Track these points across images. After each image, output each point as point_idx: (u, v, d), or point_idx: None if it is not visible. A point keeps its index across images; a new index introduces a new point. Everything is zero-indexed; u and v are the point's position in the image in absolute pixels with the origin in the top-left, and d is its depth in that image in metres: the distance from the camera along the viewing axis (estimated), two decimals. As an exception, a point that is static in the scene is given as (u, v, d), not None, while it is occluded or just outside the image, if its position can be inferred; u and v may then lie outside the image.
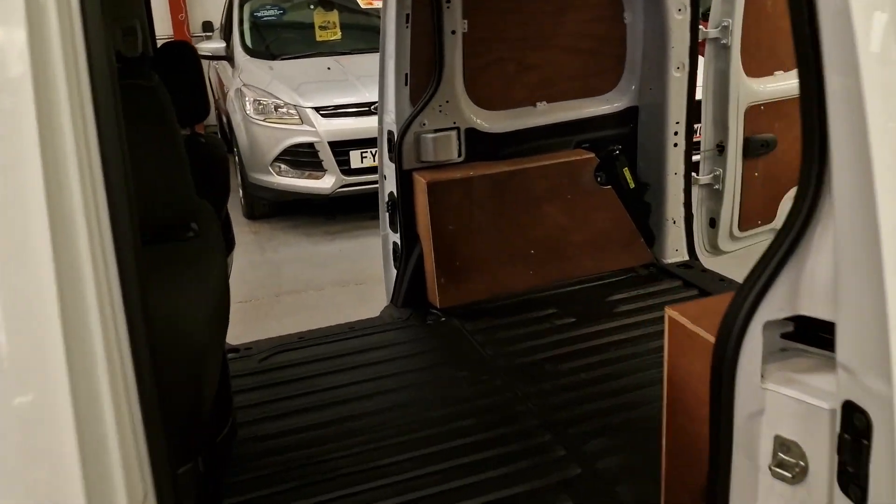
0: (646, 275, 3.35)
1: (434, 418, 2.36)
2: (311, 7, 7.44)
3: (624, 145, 3.35)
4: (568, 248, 3.24)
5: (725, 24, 3.17)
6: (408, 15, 2.90)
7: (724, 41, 3.20)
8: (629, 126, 3.36)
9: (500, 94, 3.16)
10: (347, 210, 6.81)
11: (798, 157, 3.36)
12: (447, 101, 3.03)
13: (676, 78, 3.19)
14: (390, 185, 3.19)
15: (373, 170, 6.19)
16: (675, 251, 3.44)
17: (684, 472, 1.54)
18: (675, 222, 3.40)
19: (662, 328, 2.92)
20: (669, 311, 1.49)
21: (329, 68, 6.60)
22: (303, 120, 6.14)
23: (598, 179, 3.23)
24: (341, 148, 6.12)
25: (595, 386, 2.49)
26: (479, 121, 3.13)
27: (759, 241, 3.67)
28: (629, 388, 2.47)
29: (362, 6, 7.70)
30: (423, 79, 3.03)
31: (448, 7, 2.86)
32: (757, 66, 3.32)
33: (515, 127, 3.19)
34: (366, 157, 6.16)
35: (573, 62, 3.21)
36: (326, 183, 6.21)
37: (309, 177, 6.23)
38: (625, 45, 3.25)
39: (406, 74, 2.99)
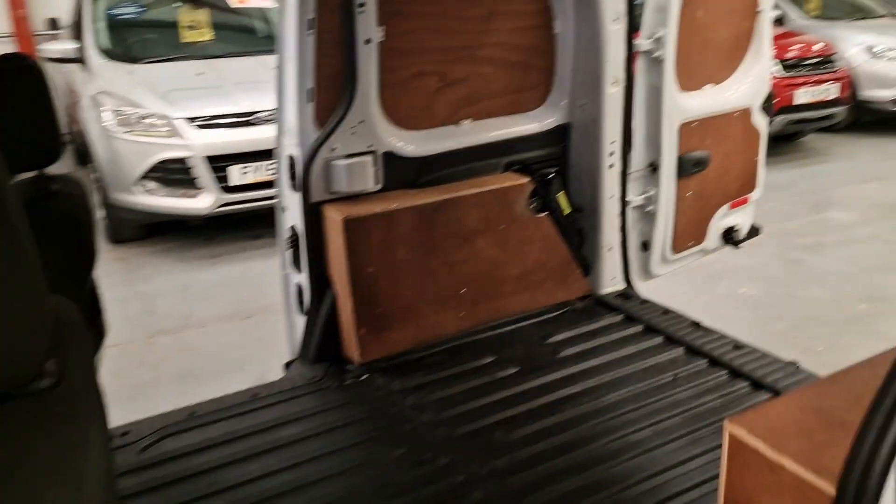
0: (583, 308, 3.04)
1: (374, 519, 1.92)
2: (177, 4, 6.69)
3: (556, 166, 3.03)
4: (501, 284, 2.88)
5: (658, 35, 2.92)
6: (311, 20, 2.42)
7: (657, 54, 2.95)
8: (560, 146, 3.05)
9: (421, 112, 2.74)
10: (229, 229, 6.15)
11: (728, 173, 3.11)
12: (361, 122, 2.58)
13: (612, 94, 2.90)
14: (292, 219, 2.70)
15: (256, 186, 5.63)
16: (611, 280, 3.17)
17: None
18: (611, 249, 3.12)
19: (614, 377, 2.65)
20: (731, 427, 1.13)
21: (201, 73, 5.92)
22: (173, 132, 5.44)
23: (533, 206, 2.89)
24: (219, 163, 5.48)
25: (557, 458, 2.13)
26: (398, 143, 2.70)
27: (690, 262, 3.48)
28: (597, 459, 2.13)
29: (233, 5, 7.05)
30: (331, 95, 2.56)
31: (361, 12, 2.41)
32: (688, 80, 3.09)
33: (439, 149, 2.78)
34: (247, 172, 5.56)
35: (501, 76, 2.85)
36: (203, 202, 5.54)
37: (183, 196, 5.53)
38: (555, 57, 2.92)
39: (310, 90, 2.51)
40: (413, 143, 2.74)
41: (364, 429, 2.31)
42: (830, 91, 8.14)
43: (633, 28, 2.84)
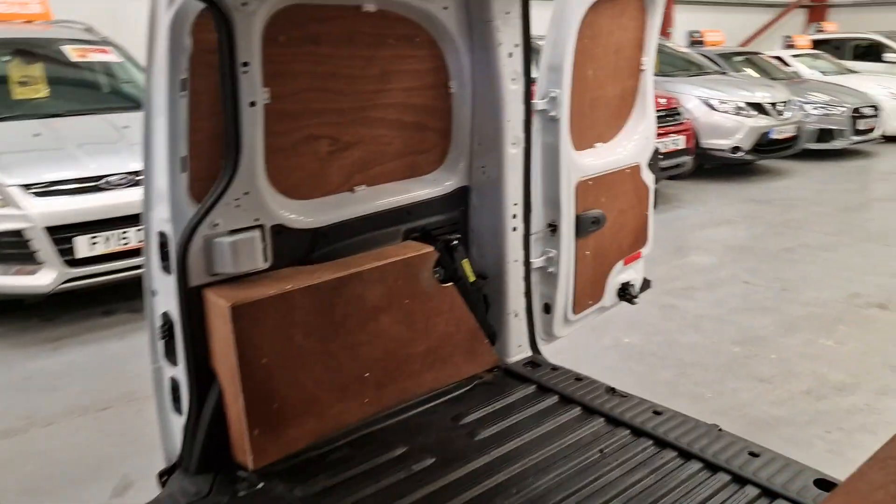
0: (493, 381, 2.85)
1: None
2: (6, 59, 6.01)
3: (457, 232, 2.85)
4: (407, 363, 2.63)
5: (553, 94, 2.86)
6: (184, 80, 2.12)
7: (552, 113, 2.89)
8: (461, 209, 2.88)
9: (312, 179, 2.48)
10: (73, 306, 5.48)
11: (622, 229, 3.05)
12: (246, 193, 2.28)
13: (512, 154, 2.78)
14: (165, 304, 2.33)
15: (108, 257, 5.06)
16: (517, 347, 3.01)
17: None
18: (517, 315, 2.97)
19: (539, 458, 2.45)
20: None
21: (38, 134, 5.29)
22: (6, 201, 4.79)
23: (437, 276, 2.68)
24: (62, 234, 4.87)
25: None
26: (288, 214, 2.41)
27: (588, 321, 3.40)
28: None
29: (74, 59, 6.46)
30: (208, 164, 2.25)
31: (245, 72, 2.14)
32: (580, 139, 3.05)
33: (333, 219, 2.52)
34: (97, 242, 4.98)
35: (396, 138, 2.65)
36: (44, 278, 4.89)
37: (18, 272, 4.86)
38: (451, 117, 2.76)
39: (183, 158, 2.19)
40: (304, 214, 2.46)
41: (268, 555, 1.96)
42: (678, 142, 8.66)
43: (529, 87, 2.75)
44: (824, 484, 2.15)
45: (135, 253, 5.05)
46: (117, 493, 3.36)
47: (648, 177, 3.38)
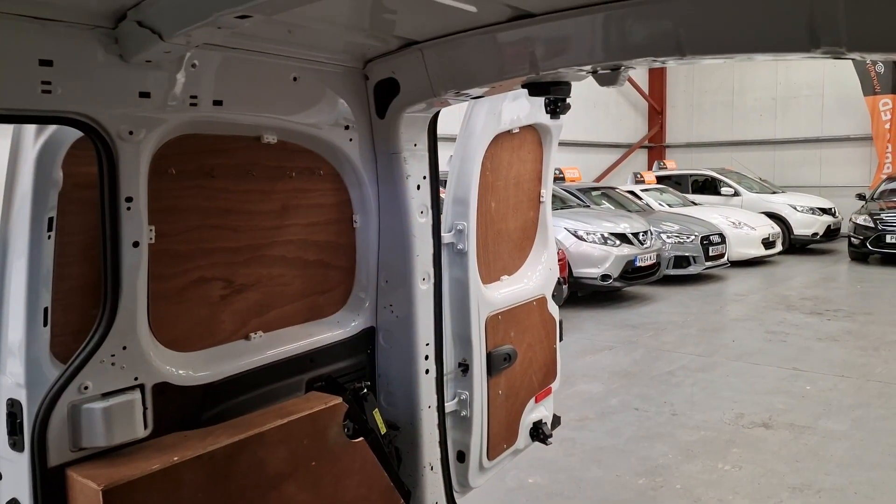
0: (410, 548, 2.51)
1: None
2: None
3: (364, 378, 2.58)
4: (315, 537, 2.25)
5: (460, 227, 2.76)
6: (51, 219, 1.81)
7: (459, 246, 2.77)
8: (367, 353, 2.63)
9: (202, 327, 2.16)
10: None
11: (531, 364, 2.85)
12: (124, 348, 1.93)
13: (423, 290, 2.59)
14: (13, 490, 1.87)
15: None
16: (434, 504, 2.70)
17: None
18: (432, 468, 2.68)
19: None
20: None
21: None
22: None
23: (346, 431, 2.37)
24: None
25: None
26: (174, 370, 2.06)
27: (502, 467, 3.16)
28: None
29: None
30: (76, 315, 1.91)
31: (129, 208, 1.85)
32: (486, 272, 2.94)
33: (227, 372, 2.19)
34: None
35: (296, 278, 2.41)
36: None
37: None
38: (355, 253, 2.57)
39: (45, 308, 1.84)
40: (193, 369, 2.12)
41: None
42: (553, 271, 8.88)
43: (439, 221, 2.62)
44: None
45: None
46: None
47: (554, 309, 3.30)
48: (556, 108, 2.29)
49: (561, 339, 3.39)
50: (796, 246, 15.51)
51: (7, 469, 1.89)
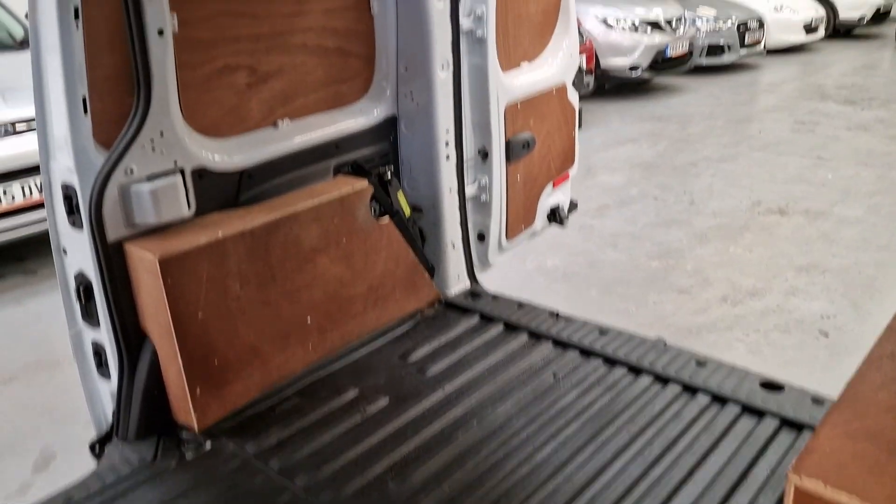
0: (435, 315, 2.79)
1: None
2: None
3: (388, 164, 2.72)
4: (349, 304, 2.52)
5: (479, 12, 2.72)
6: (77, 8, 1.86)
7: (478, 32, 2.75)
8: (390, 140, 2.74)
9: (230, 114, 2.27)
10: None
11: (550, 151, 2.98)
12: (161, 134, 2.06)
13: (442, 78, 2.64)
14: (79, 263, 2.11)
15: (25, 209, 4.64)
16: (457, 278, 2.94)
17: None
18: (454, 246, 2.90)
19: (493, 389, 2.42)
20: (801, 481, 0.93)
21: None
22: None
23: (373, 211, 2.55)
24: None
25: (468, 497, 1.87)
26: (209, 155, 2.21)
27: (521, 245, 3.38)
28: (512, 488, 1.89)
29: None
30: (113, 103, 2.01)
31: (149, -5, 1.89)
32: (506, 59, 2.94)
33: (258, 158, 2.33)
34: (7, 193, 4.56)
35: (318, 66, 2.46)
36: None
37: None
38: (374, 41, 2.59)
39: (84, 98, 1.94)
40: (226, 154, 2.26)
41: (230, 515, 1.86)
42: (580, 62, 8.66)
43: (457, 6, 2.60)
44: (770, 385, 2.23)
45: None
46: (39, 467, 3.14)
47: (574, 96, 3.32)
48: None
49: (580, 127, 3.45)
50: (840, 31, 14.70)
51: (71, 245, 2.11)
